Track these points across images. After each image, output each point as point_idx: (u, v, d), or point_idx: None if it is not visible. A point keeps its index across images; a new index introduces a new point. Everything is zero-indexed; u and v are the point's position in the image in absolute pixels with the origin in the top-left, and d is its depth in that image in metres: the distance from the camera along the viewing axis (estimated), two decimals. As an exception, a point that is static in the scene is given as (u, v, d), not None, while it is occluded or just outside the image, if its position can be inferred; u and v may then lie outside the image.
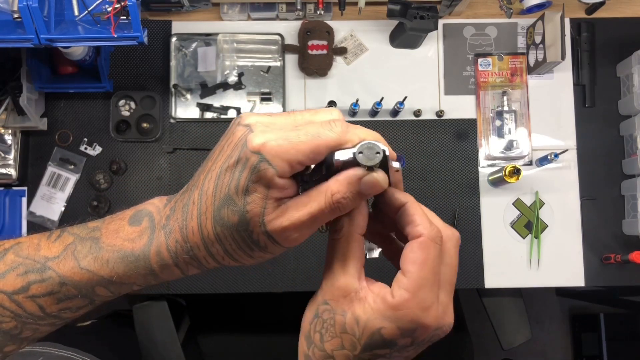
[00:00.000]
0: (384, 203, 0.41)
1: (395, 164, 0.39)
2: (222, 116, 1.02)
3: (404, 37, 1.01)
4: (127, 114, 1.01)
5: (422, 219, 0.39)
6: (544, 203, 1.02)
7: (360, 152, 0.36)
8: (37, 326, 0.45)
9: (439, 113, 1.03)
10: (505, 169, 0.94)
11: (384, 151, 0.37)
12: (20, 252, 0.43)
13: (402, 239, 0.42)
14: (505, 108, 1.03)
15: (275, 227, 0.37)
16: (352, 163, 0.37)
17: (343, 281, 0.39)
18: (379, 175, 0.37)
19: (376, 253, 0.45)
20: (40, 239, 0.44)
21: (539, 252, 1.01)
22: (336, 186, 0.37)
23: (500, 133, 1.03)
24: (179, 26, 1.04)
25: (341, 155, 0.37)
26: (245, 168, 0.36)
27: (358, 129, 0.38)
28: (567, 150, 1.02)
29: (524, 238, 1.01)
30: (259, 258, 0.40)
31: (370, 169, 0.36)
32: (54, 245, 0.43)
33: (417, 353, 0.40)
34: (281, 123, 0.38)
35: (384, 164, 0.37)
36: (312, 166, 0.39)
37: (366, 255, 0.45)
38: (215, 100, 1.03)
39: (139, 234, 0.41)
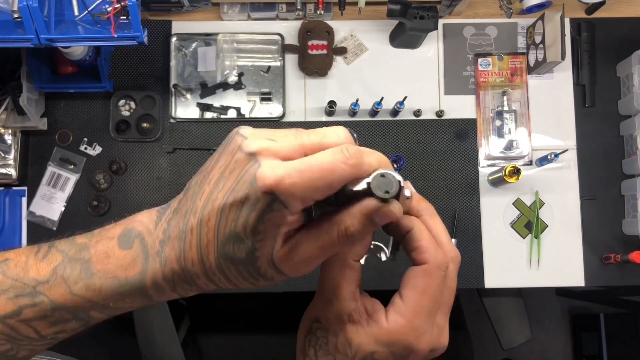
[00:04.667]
0: (391, 228, 0.40)
1: (407, 192, 0.37)
2: (222, 116, 1.02)
3: (404, 37, 1.01)
4: (127, 114, 1.01)
5: (429, 245, 0.38)
6: (544, 203, 1.02)
7: (375, 183, 0.34)
8: (32, 347, 0.44)
9: (439, 113, 1.03)
10: (505, 169, 0.94)
11: (399, 182, 0.34)
12: (8, 271, 0.42)
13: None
14: (505, 108, 1.03)
15: (284, 263, 0.35)
16: (366, 193, 0.35)
17: (336, 305, 0.38)
18: (395, 207, 0.34)
19: (384, 257, 0.42)
20: (29, 256, 0.42)
21: (539, 252, 1.01)
22: (349, 220, 0.35)
23: (500, 133, 1.03)
24: (179, 26, 1.04)
25: (355, 186, 0.35)
26: (255, 208, 0.34)
27: (371, 155, 0.36)
28: (567, 150, 1.02)
29: (524, 238, 1.01)
30: (263, 285, 0.38)
31: (384, 200, 0.34)
32: (42, 266, 0.41)
33: None
34: (288, 148, 0.35)
35: (399, 194, 0.35)
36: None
37: (378, 255, 0.43)
38: (215, 100, 1.03)
39: (132, 261, 0.39)
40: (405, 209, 0.39)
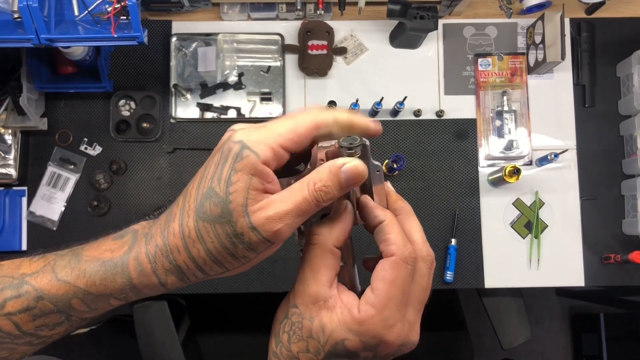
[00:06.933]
0: (365, 219, 0.42)
1: (377, 163, 0.41)
2: (222, 116, 1.02)
3: (404, 37, 1.01)
4: (127, 114, 1.01)
5: (397, 238, 0.39)
6: (544, 203, 1.02)
7: (342, 139, 0.39)
8: (13, 345, 0.44)
9: (439, 113, 1.03)
10: (505, 169, 0.94)
11: (365, 140, 0.39)
12: (0, 272, 0.43)
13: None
14: (505, 108, 1.03)
15: (259, 218, 0.36)
16: (335, 155, 0.39)
17: (314, 289, 0.39)
18: (358, 163, 0.38)
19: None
20: (23, 260, 0.44)
21: (539, 252, 1.01)
22: (318, 175, 0.38)
23: (500, 133, 1.03)
24: (179, 26, 1.04)
25: (324, 144, 0.39)
26: (227, 159, 0.37)
27: (331, 109, 0.40)
28: (567, 150, 1.02)
29: (524, 238, 1.01)
30: (243, 258, 0.38)
31: (350, 155, 0.39)
32: (35, 264, 0.43)
33: None
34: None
35: (364, 156, 0.40)
36: (301, 170, 0.41)
37: None
38: (215, 100, 1.03)
39: (120, 245, 0.41)
40: (377, 183, 0.42)
